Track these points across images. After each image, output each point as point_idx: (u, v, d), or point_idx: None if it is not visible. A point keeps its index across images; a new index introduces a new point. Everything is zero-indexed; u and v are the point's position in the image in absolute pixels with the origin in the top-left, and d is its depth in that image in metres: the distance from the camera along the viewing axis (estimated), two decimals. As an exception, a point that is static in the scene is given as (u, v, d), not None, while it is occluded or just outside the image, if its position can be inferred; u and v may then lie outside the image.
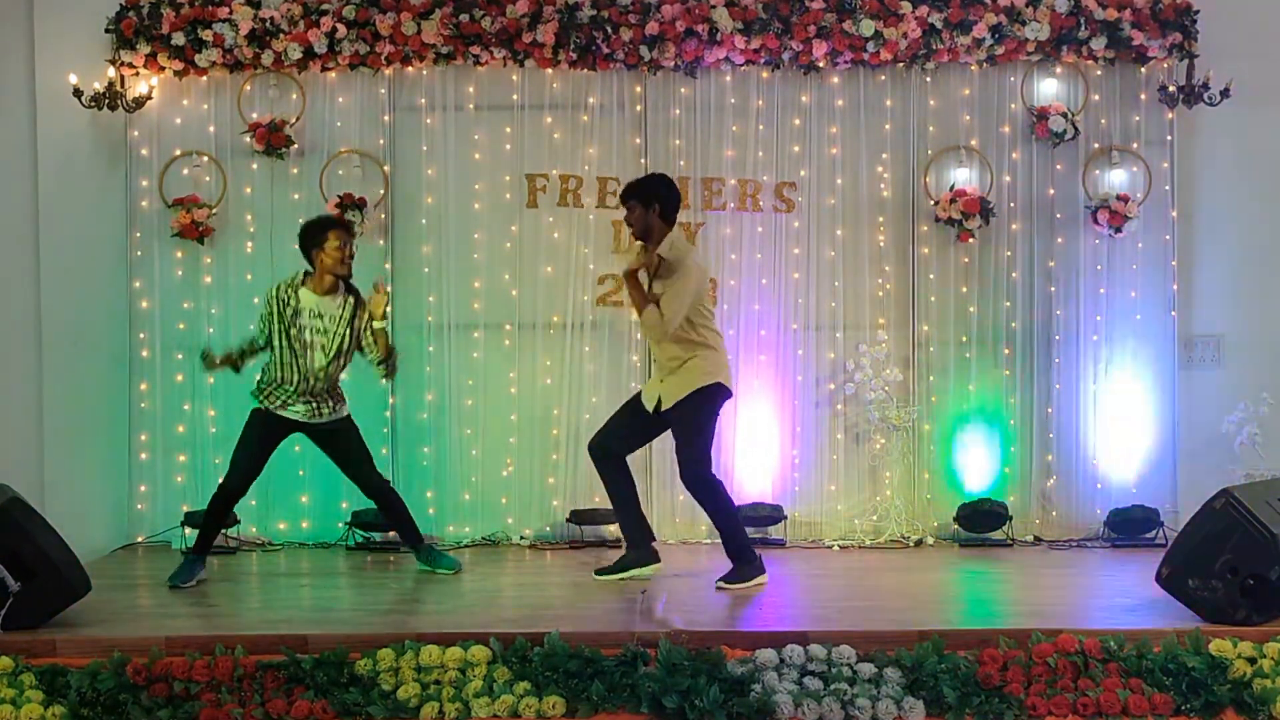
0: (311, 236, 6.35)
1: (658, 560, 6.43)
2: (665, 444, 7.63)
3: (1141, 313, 7.72)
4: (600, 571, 6.44)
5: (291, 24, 7.52)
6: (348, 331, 6.35)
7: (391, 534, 7.48)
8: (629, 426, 6.39)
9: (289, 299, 6.31)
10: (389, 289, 6.70)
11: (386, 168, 7.71)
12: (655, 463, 7.66)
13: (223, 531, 7.40)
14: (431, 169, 7.70)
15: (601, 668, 4.85)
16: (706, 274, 6.43)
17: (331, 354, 6.33)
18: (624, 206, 6.27)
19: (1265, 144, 7.79)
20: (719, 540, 7.54)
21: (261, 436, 6.38)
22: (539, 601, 5.98)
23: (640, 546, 6.41)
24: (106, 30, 7.57)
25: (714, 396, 6.21)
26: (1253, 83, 7.57)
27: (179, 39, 7.49)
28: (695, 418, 6.18)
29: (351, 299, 6.39)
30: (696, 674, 4.80)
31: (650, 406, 6.27)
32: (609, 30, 7.50)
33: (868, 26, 7.45)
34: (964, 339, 7.75)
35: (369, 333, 6.38)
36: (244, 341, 6.45)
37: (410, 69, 7.67)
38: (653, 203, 6.16)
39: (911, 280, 7.73)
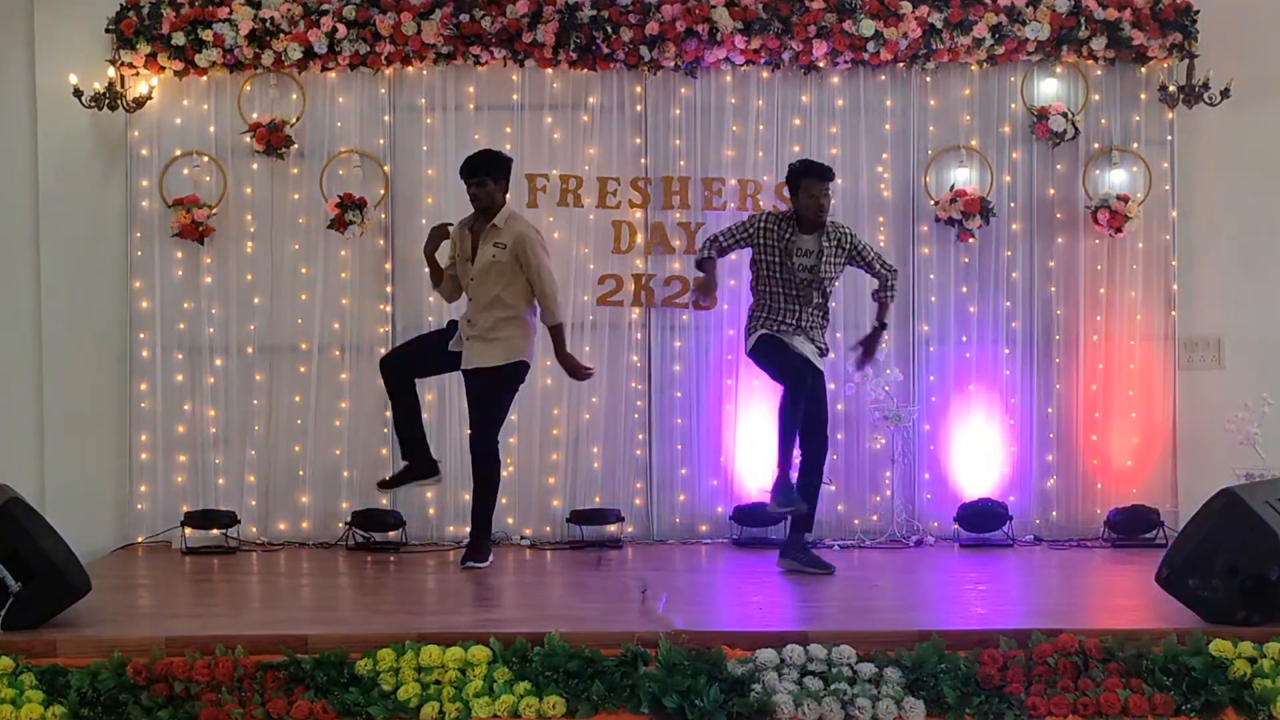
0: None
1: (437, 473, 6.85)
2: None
3: (1141, 313, 7.72)
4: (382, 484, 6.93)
5: (291, 24, 7.51)
6: None
7: (391, 534, 7.48)
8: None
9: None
10: None
11: (386, 168, 7.71)
12: (656, 463, 7.67)
13: (222, 532, 7.44)
14: (431, 169, 7.70)
15: (601, 668, 4.84)
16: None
17: None
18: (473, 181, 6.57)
19: (1265, 144, 7.77)
20: (719, 540, 7.58)
21: None
22: (539, 601, 5.98)
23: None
24: (106, 30, 7.57)
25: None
26: (1253, 83, 7.56)
27: (179, 39, 7.49)
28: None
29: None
30: (696, 674, 4.79)
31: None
32: (609, 30, 7.50)
33: (868, 26, 7.45)
34: (964, 339, 7.75)
35: None
36: None
37: (410, 69, 7.67)
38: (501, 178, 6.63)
39: (911, 280, 7.71)
